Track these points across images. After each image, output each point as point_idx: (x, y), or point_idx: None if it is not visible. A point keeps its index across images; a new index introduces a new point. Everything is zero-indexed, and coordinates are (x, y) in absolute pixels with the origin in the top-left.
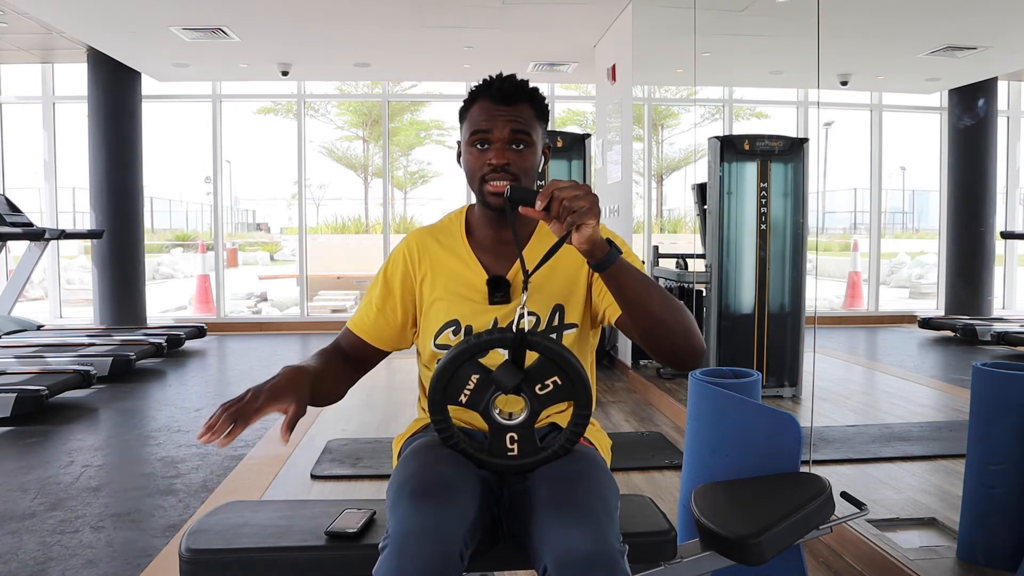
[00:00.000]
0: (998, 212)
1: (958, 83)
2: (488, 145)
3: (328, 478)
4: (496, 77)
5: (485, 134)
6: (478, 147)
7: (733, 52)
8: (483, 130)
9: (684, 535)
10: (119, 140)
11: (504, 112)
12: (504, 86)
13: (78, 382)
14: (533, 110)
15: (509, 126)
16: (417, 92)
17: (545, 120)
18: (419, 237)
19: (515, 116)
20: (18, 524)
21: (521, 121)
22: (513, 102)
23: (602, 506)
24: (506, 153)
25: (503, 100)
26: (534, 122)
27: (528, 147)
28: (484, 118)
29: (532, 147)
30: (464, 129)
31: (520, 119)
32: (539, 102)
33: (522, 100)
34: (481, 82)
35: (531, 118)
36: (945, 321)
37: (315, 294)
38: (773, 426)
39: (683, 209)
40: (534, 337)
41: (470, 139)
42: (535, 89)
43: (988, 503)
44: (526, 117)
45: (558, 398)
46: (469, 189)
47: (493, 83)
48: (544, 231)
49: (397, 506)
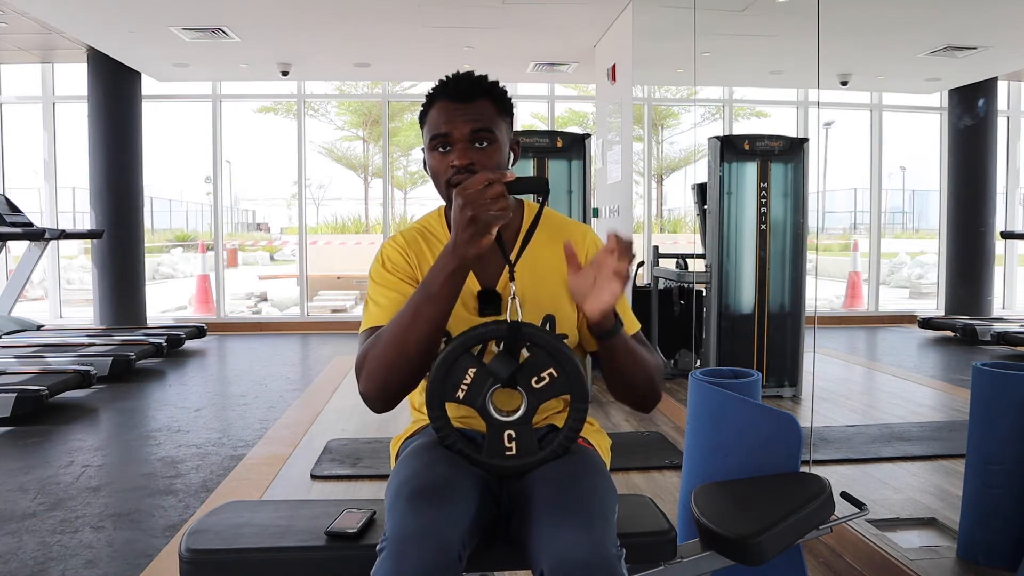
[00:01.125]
0: (998, 212)
1: (958, 83)
2: (449, 147)
3: (328, 478)
4: (452, 76)
5: (445, 137)
6: (440, 150)
7: (733, 52)
8: (442, 133)
9: (684, 535)
10: (119, 140)
11: (462, 110)
12: (460, 84)
13: (78, 382)
14: (494, 105)
15: (469, 125)
16: (417, 92)
17: (509, 114)
18: (405, 237)
19: (474, 113)
20: (18, 524)
21: (482, 118)
22: (471, 99)
23: (599, 510)
24: (469, 153)
25: (460, 98)
26: (496, 118)
27: (492, 144)
28: (443, 119)
29: (496, 143)
30: (425, 134)
31: (480, 116)
32: (499, 96)
33: (481, 95)
34: (438, 83)
35: (492, 114)
36: (945, 321)
37: (315, 294)
38: (773, 426)
39: (683, 209)
40: (528, 328)
41: (431, 143)
42: (495, 83)
43: (988, 503)
44: (487, 113)
45: (554, 391)
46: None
47: (449, 82)
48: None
49: (394, 508)
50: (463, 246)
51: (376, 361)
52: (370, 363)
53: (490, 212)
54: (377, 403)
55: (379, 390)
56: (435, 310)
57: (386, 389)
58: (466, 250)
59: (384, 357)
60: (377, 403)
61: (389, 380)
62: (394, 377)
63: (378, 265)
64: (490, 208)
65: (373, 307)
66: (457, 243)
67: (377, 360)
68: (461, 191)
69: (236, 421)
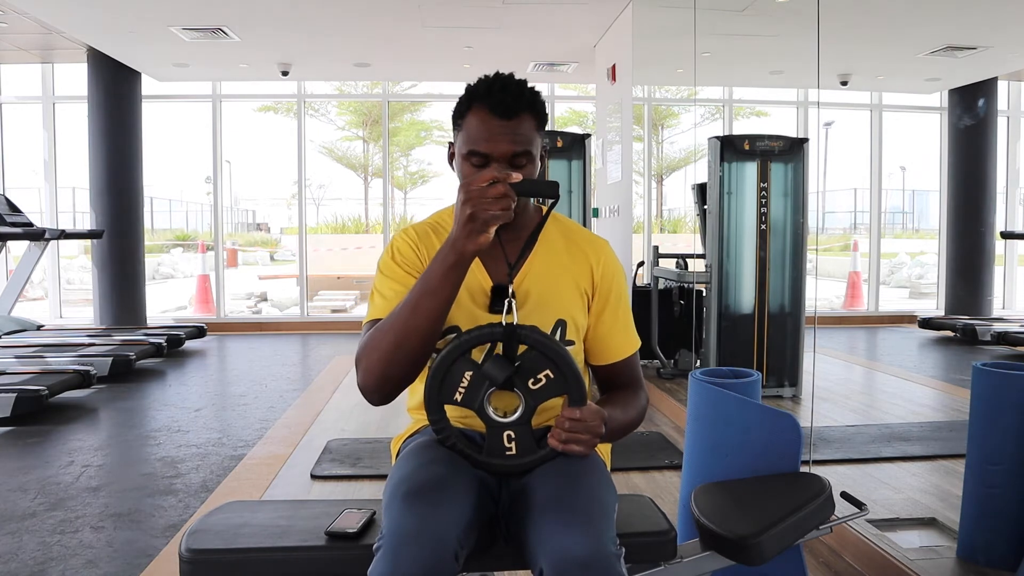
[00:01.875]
0: (998, 212)
1: (958, 83)
2: (486, 165)
3: (328, 478)
4: (495, 80)
5: (484, 156)
6: (474, 163)
7: (733, 52)
8: (482, 153)
9: (684, 535)
10: (119, 140)
11: (504, 128)
12: (505, 99)
13: (78, 382)
14: (534, 120)
15: (511, 148)
16: (417, 92)
17: (544, 126)
18: (417, 231)
19: (515, 133)
20: (18, 524)
21: (522, 140)
22: (514, 115)
23: (599, 509)
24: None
25: (503, 114)
26: (534, 135)
27: (530, 163)
28: (483, 136)
29: (532, 163)
30: (459, 138)
31: (521, 136)
32: (539, 109)
33: (523, 111)
34: (479, 83)
35: (531, 131)
36: (945, 321)
37: (315, 294)
38: (773, 426)
39: (683, 209)
40: (523, 330)
41: (467, 154)
42: (536, 94)
43: (988, 503)
44: (527, 132)
45: (551, 392)
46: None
47: (493, 89)
48: (547, 240)
49: (391, 507)
50: (461, 240)
51: (375, 353)
52: (369, 355)
53: (490, 211)
54: (375, 395)
55: (377, 382)
56: (434, 303)
57: (384, 381)
58: (464, 245)
59: (383, 349)
60: (375, 395)
61: (387, 373)
62: (392, 370)
63: (387, 257)
64: (491, 208)
65: (378, 298)
66: (456, 237)
67: (376, 352)
68: (464, 187)
69: (236, 421)
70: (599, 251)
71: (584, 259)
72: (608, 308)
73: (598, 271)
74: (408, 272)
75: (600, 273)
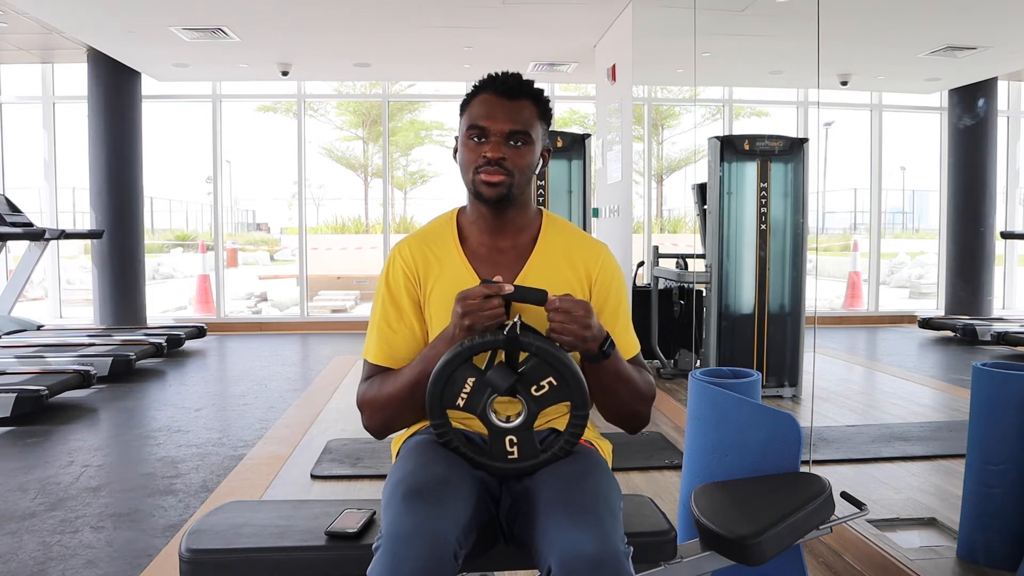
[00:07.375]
0: (998, 212)
1: (958, 83)
2: (485, 139)
3: (328, 478)
4: (501, 72)
5: (483, 130)
6: (475, 140)
7: (733, 52)
8: (481, 126)
9: (684, 535)
10: (119, 140)
11: (505, 107)
12: (509, 81)
13: (78, 382)
14: (536, 108)
15: (509, 124)
16: (417, 92)
17: (547, 121)
18: (412, 247)
19: (516, 112)
20: (18, 524)
21: (521, 119)
22: (516, 97)
23: (606, 507)
24: (502, 148)
25: (505, 93)
26: (535, 120)
27: (526, 145)
28: (484, 112)
29: (530, 145)
30: (463, 122)
31: (520, 115)
32: (543, 101)
33: (525, 95)
34: (486, 76)
35: (532, 116)
36: (945, 321)
37: (315, 294)
38: (773, 426)
39: (683, 209)
40: (526, 338)
41: (468, 131)
42: (540, 89)
43: (988, 503)
44: (527, 114)
45: (554, 399)
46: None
47: (498, 77)
48: (545, 245)
49: (390, 506)
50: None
51: (377, 412)
52: (370, 408)
53: (484, 323)
54: (379, 436)
55: (379, 430)
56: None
57: (387, 429)
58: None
59: (384, 412)
60: (379, 436)
61: (389, 426)
62: (395, 424)
63: (384, 277)
64: (485, 321)
65: (375, 335)
66: (454, 336)
67: (378, 412)
68: (462, 300)
69: (236, 421)
70: (598, 254)
71: (583, 262)
72: (607, 311)
73: (596, 274)
74: (401, 304)
75: (599, 276)
